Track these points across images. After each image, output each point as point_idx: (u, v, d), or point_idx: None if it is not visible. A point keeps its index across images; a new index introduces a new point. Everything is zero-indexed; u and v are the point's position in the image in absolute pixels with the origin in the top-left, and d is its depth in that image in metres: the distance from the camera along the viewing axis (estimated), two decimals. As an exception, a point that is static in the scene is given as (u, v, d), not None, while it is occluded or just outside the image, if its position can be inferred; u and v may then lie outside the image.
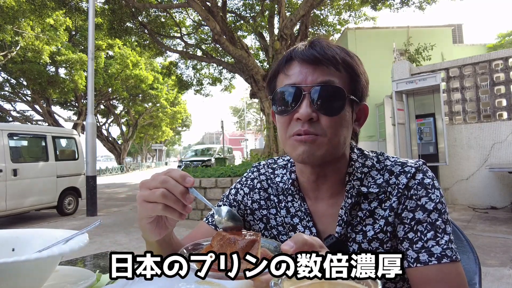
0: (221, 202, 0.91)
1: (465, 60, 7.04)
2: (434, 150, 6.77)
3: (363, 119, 0.78)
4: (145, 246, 0.74)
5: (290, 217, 0.81)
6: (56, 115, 20.77)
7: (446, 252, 0.64)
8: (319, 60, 0.68)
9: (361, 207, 0.74)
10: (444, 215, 0.68)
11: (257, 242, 0.50)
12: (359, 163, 0.77)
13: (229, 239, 0.50)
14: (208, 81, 15.66)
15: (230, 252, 0.48)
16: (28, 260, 0.53)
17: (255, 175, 0.91)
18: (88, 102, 8.08)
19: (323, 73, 0.68)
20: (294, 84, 0.69)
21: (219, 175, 6.66)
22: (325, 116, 0.68)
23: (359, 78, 0.72)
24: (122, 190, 14.45)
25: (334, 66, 0.68)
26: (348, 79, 0.70)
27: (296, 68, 0.70)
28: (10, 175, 6.61)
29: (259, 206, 0.87)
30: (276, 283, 0.41)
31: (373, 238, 0.72)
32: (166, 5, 11.08)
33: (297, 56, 0.70)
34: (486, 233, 4.62)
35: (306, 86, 0.68)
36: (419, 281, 0.65)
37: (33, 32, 13.34)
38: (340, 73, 0.69)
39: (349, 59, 0.71)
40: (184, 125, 41.08)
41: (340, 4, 11.89)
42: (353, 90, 0.71)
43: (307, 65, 0.69)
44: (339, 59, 0.69)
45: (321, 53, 0.68)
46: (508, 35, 20.96)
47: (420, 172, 0.72)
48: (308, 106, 0.67)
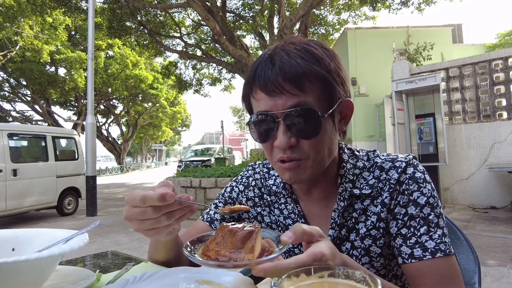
0: (217, 200, 0.92)
1: (464, 60, 7.04)
2: (434, 150, 6.77)
3: (349, 116, 0.73)
4: (147, 246, 0.75)
5: (283, 218, 0.82)
6: (56, 115, 20.78)
7: (440, 246, 0.64)
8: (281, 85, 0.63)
9: (354, 207, 0.73)
10: (437, 209, 0.68)
11: (255, 233, 0.51)
12: (350, 164, 0.76)
13: (230, 230, 0.53)
14: (207, 81, 15.66)
15: (230, 242, 0.51)
16: (28, 260, 0.53)
17: (250, 173, 0.91)
18: (88, 102, 8.08)
19: (291, 95, 0.64)
20: (266, 111, 0.66)
21: (219, 175, 6.66)
22: (303, 140, 0.66)
23: (330, 83, 0.66)
24: (122, 190, 14.44)
25: (296, 85, 0.63)
26: (321, 89, 0.65)
27: (262, 96, 0.67)
28: (10, 175, 6.61)
29: (253, 203, 0.87)
30: (276, 283, 0.41)
31: (366, 235, 0.72)
32: (165, 5, 11.07)
33: (259, 84, 0.66)
34: (486, 233, 4.63)
35: (277, 113, 0.64)
36: (414, 276, 0.65)
37: (32, 32, 13.33)
38: (311, 86, 0.64)
39: (316, 64, 0.64)
40: (184, 125, 41.08)
41: (339, 4, 11.89)
42: (329, 98, 0.66)
43: (272, 93, 0.65)
44: (302, 73, 0.63)
45: (282, 75, 0.63)
46: (507, 35, 20.98)
47: (410, 166, 0.72)
48: (284, 133, 0.64)
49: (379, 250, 0.72)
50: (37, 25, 13.12)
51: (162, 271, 0.70)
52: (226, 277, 0.67)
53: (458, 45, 16.25)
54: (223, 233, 0.53)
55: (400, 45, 9.78)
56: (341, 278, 0.42)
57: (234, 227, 0.53)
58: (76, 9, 10.69)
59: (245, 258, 0.49)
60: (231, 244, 0.51)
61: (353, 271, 0.41)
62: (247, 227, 0.53)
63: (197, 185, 6.57)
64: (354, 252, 0.72)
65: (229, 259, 0.50)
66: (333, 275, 0.42)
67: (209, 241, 0.55)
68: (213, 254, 0.51)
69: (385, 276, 0.74)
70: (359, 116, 11.26)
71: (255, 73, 0.68)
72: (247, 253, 0.49)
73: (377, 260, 0.72)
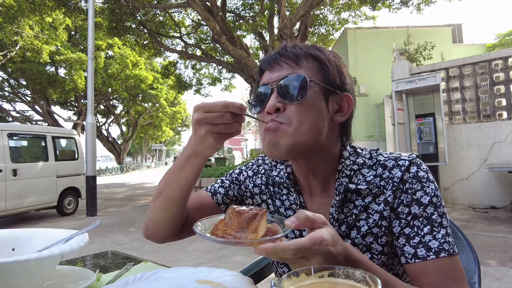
0: (224, 177, 0.96)
1: (464, 60, 7.04)
2: (434, 150, 6.77)
3: (347, 109, 0.75)
4: (147, 246, 0.74)
5: (284, 209, 0.83)
6: (56, 115, 20.77)
7: (444, 246, 0.64)
8: (279, 60, 0.73)
9: (355, 204, 0.73)
10: (440, 209, 0.68)
11: (259, 215, 0.54)
12: (350, 160, 0.77)
13: (237, 212, 0.56)
14: (207, 81, 15.66)
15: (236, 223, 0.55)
16: (28, 260, 0.53)
17: (260, 162, 0.94)
18: (88, 102, 8.08)
19: (288, 68, 0.72)
20: (263, 83, 0.75)
21: (219, 175, 6.67)
22: (290, 104, 0.70)
23: (327, 66, 0.73)
24: (122, 190, 14.44)
25: (294, 60, 0.72)
26: (316, 68, 0.72)
27: (266, 74, 0.76)
28: (10, 175, 6.61)
29: (260, 191, 0.89)
30: (276, 282, 0.41)
31: (367, 233, 0.72)
32: (165, 5, 11.07)
33: (263, 64, 0.77)
34: (486, 233, 4.63)
35: (272, 82, 0.72)
36: (418, 275, 0.65)
37: (32, 32, 13.34)
38: (307, 64, 0.72)
39: (315, 51, 0.74)
40: (184, 125, 41.07)
41: (339, 3, 11.88)
42: (324, 78, 0.72)
43: (273, 68, 0.74)
44: (301, 53, 0.73)
45: (281, 52, 0.74)
46: (507, 35, 20.99)
47: (414, 165, 0.72)
48: (274, 98, 0.71)
49: (380, 248, 0.72)
50: (37, 25, 13.11)
51: (162, 271, 0.70)
52: (226, 277, 0.67)
53: (458, 45, 16.25)
54: (230, 214, 0.57)
55: (400, 45, 9.79)
56: (341, 277, 0.42)
57: (241, 209, 0.57)
58: (76, 9, 10.69)
59: (248, 238, 0.52)
60: (237, 224, 0.54)
61: (353, 271, 0.41)
62: (253, 210, 0.56)
63: (197, 185, 6.57)
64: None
65: (234, 237, 0.53)
66: (333, 274, 0.42)
67: (219, 222, 0.59)
68: (221, 233, 0.55)
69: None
70: (359, 116, 11.25)
71: (264, 57, 0.78)
72: (251, 233, 0.52)
73: (378, 257, 0.72)
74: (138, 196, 11.71)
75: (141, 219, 7.01)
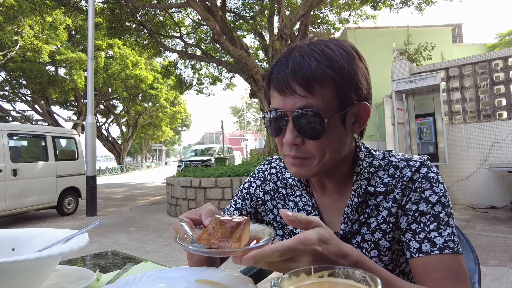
0: (236, 196, 0.96)
1: (464, 59, 7.04)
2: (433, 149, 6.76)
3: (364, 118, 0.74)
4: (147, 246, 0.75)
5: (297, 210, 0.84)
6: (56, 115, 20.78)
7: (449, 243, 0.65)
8: (292, 87, 0.66)
9: (368, 204, 0.75)
10: (447, 209, 0.69)
11: (242, 224, 0.55)
12: (366, 162, 0.78)
13: (220, 221, 0.56)
14: (208, 81, 15.67)
15: (220, 232, 0.54)
16: (28, 260, 0.53)
17: (266, 167, 0.94)
18: (88, 102, 8.08)
19: (300, 96, 0.66)
20: (277, 108, 0.70)
21: (219, 175, 6.66)
22: (309, 140, 0.68)
23: (343, 85, 0.67)
24: (121, 190, 14.45)
25: (306, 88, 0.66)
26: (331, 92, 0.67)
27: (276, 96, 0.70)
28: (10, 175, 6.61)
29: (270, 197, 0.90)
30: (276, 282, 0.41)
31: (376, 229, 0.74)
32: (165, 5, 11.07)
33: (273, 83, 0.70)
34: (486, 233, 4.63)
35: (287, 112, 0.68)
36: (421, 270, 0.66)
37: (32, 31, 13.34)
38: (321, 89, 0.66)
39: (328, 67, 0.66)
40: (184, 125, 41.09)
41: (340, 3, 11.88)
42: (340, 102, 0.68)
43: (284, 93, 0.68)
44: (312, 76, 0.65)
45: (292, 76, 0.66)
46: (507, 35, 20.99)
47: (424, 167, 0.73)
48: (291, 132, 0.68)
49: (387, 244, 0.73)
50: (37, 25, 13.12)
51: (162, 271, 0.70)
52: (226, 277, 0.67)
53: (458, 45, 16.26)
54: (214, 224, 0.57)
55: (400, 45, 9.78)
56: (341, 277, 0.42)
57: (224, 219, 0.57)
58: (76, 9, 10.70)
59: (232, 247, 0.52)
60: (221, 234, 0.55)
61: (353, 271, 0.41)
62: (236, 219, 0.56)
63: (197, 185, 6.57)
64: (364, 245, 0.74)
65: (218, 247, 0.53)
66: (333, 274, 0.42)
67: (202, 232, 0.58)
68: (204, 243, 0.55)
69: (393, 271, 0.75)
70: (359, 116, 11.22)
71: (271, 71, 0.72)
72: (234, 242, 0.53)
73: (386, 254, 0.74)
74: (138, 196, 11.71)
75: (141, 219, 7.01)
